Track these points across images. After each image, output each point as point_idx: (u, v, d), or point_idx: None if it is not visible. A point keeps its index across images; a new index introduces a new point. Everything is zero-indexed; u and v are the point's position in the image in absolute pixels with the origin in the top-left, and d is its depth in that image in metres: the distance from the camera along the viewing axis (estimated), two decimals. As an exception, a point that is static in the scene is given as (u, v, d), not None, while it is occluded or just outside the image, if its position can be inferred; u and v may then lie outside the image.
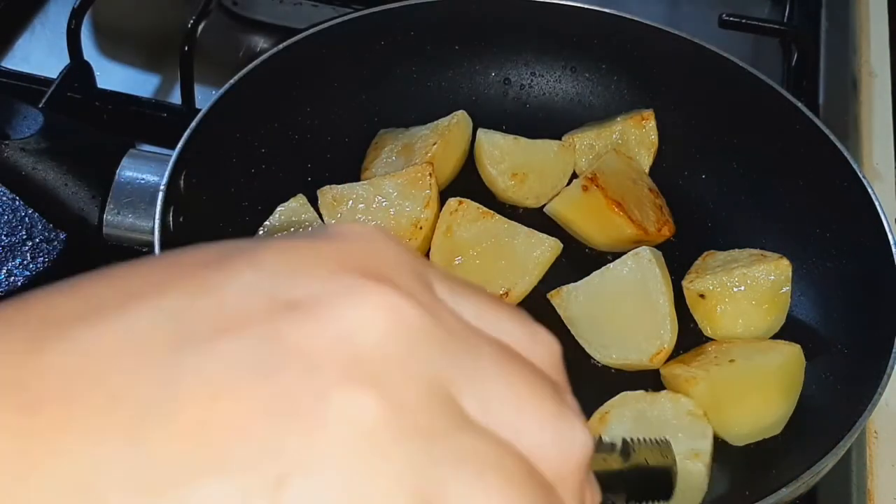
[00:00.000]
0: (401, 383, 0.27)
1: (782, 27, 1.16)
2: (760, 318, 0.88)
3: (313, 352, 0.27)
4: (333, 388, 0.26)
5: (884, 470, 0.86)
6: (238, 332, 0.27)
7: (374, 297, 0.28)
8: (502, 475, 0.28)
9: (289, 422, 0.26)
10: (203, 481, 0.25)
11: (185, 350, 0.27)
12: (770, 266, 0.87)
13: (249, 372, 0.26)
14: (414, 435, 0.27)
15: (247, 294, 0.28)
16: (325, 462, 0.26)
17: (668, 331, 0.86)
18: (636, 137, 1.00)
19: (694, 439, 0.78)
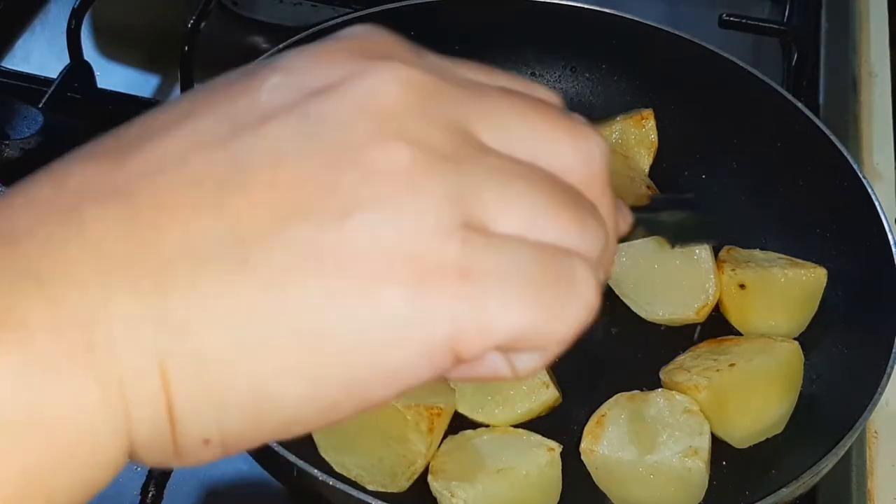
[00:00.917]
0: (423, 128, 0.32)
1: (782, 27, 1.16)
2: (789, 319, 0.88)
3: (343, 117, 0.32)
4: (367, 144, 0.32)
5: (884, 470, 0.86)
6: (279, 118, 0.32)
7: (384, 69, 0.33)
8: (531, 182, 0.34)
9: (338, 172, 0.31)
10: (283, 226, 0.31)
11: (240, 138, 0.32)
12: (809, 272, 0.87)
13: (298, 141, 0.32)
14: (443, 162, 0.32)
15: (277, 90, 0.33)
16: (376, 196, 0.31)
17: (713, 284, 0.87)
18: (636, 137, 1.00)
19: (692, 437, 0.78)
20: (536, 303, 0.32)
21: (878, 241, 0.84)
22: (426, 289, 0.31)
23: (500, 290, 0.32)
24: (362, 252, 0.31)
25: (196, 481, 0.82)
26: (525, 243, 0.33)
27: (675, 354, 0.87)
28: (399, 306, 0.31)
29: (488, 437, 0.79)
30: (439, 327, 0.31)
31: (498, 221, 0.32)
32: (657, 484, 0.78)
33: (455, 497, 0.75)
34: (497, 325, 0.32)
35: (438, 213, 0.31)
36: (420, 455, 0.76)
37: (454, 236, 0.31)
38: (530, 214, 0.33)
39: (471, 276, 0.31)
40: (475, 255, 0.32)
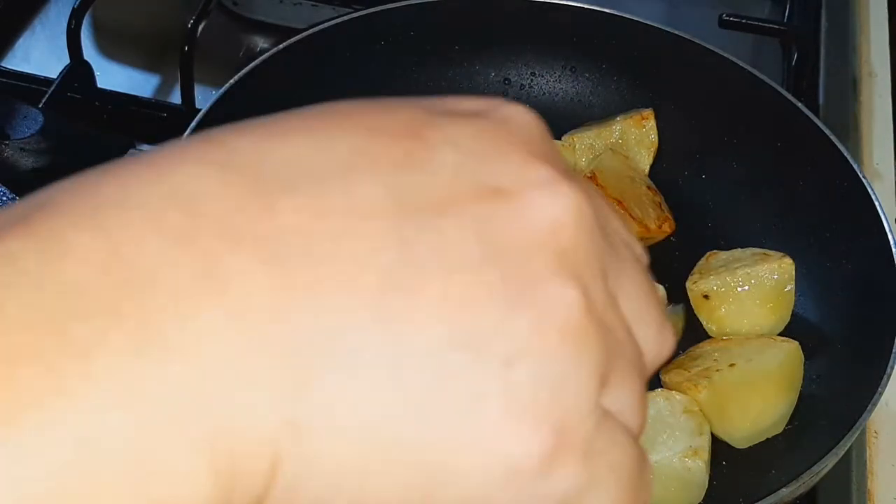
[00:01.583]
0: (590, 277, 0.30)
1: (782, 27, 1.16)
2: (765, 316, 0.88)
3: (526, 241, 0.29)
4: (549, 278, 0.28)
5: (884, 470, 0.86)
6: (457, 213, 0.28)
7: (569, 194, 0.30)
8: (638, 368, 0.32)
9: (515, 307, 0.28)
10: (444, 355, 0.27)
11: (415, 221, 0.27)
12: (773, 265, 0.87)
13: (475, 253, 0.28)
14: (602, 328, 0.29)
15: (455, 175, 0.29)
16: (545, 347, 0.28)
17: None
18: (636, 137, 1.00)
19: (691, 436, 0.78)
20: (626, 499, 0.31)
21: (878, 241, 0.84)
22: (556, 460, 0.28)
23: (607, 481, 0.30)
24: (515, 405, 0.28)
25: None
26: (628, 434, 0.31)
27: (675, 354, 0.87)
28: (530, 468, 0.28)
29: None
30: (550, 499, 0.29)
31: (610, 400, 0.30)
32: (657, 484, 0.78)
33: None
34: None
35: (591, 384, 0.29)
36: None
37: (594, 413, 0.29)
38: (631, 402, 0.31)
39: (592, 461, 0.29)
40: (601, 438, 0.29)
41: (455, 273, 0.27)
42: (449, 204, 0.28)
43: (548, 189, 0.29)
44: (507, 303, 0.28)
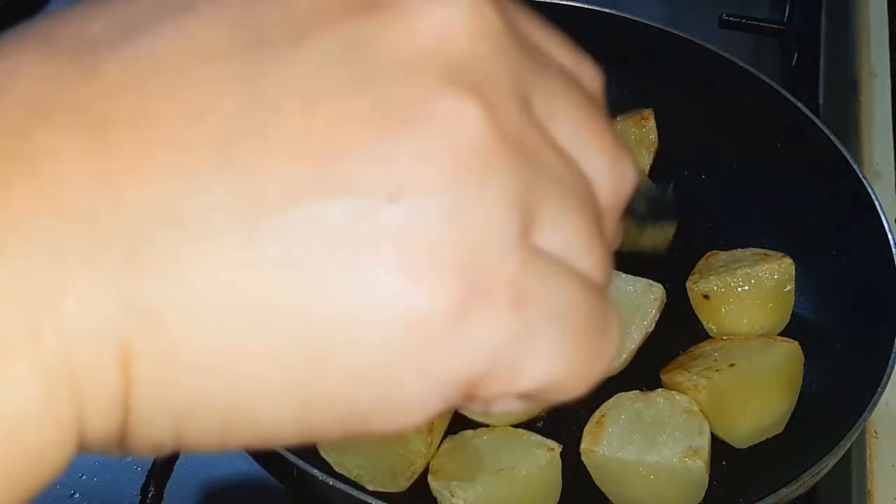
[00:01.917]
0: (496, 91, 0.25)
1: (782, 27, 1.16)
2: (765, 316, 0.88)
3: (407, 56, 0.24)
4: (436, 94, 0.24)
5: (884, 470, 0.86)
6: (318, 37, 0.24)
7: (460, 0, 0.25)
8: (581, 200, 0.27)
9: (394, 131, 0.24)
10: (310, 200, 0.23)
11: (262, 56, 0.24)
12: (773, 265, 0.87)
13: (342, 79, 0.24)
14: (515, 150, 0.25)
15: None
16: (436, 177, 0.24)
17: (619, 360, 0.85)
18: (636, 137, 1.00)
19: (691, 436, 0.78)
20: (575, 349, 0.27)
21: (878, 241, 0.84)
22: (473, 309, 0.24)
23: (550, 331, 0.26)
24: (411, 250, 0.24)
25: (196, 481, 0.82)
26: (574, 276, 0.26)
27: (675, 354, 0.87)
28: (435, 324, 0.24)
29: (488, 437, 0.79)
30: (474, 361, 0.25)
31: (547, 237, 0.26)
32: (657, 484, 0.78)
33: (455, 497, 0.75)
34: (532, 372, 0.26)
35: (504, 218, 0.25)
36: (420, 455, 0.76)
37: (516, 252, 0.25)
38: (575, 239, 0.27)
39: (523, 307, 0.25)
40: (532, 281, 0.25)
41: (317, 105, 0.23)
42: (308, 29, 0.24)
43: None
44: (384, 129, 0.24)
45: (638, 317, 0.86)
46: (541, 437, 0.79)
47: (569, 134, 0.27)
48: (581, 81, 0.30)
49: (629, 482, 0.78)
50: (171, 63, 0.23)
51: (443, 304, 0.24)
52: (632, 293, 0.87)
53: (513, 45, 0.26)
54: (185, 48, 0.24)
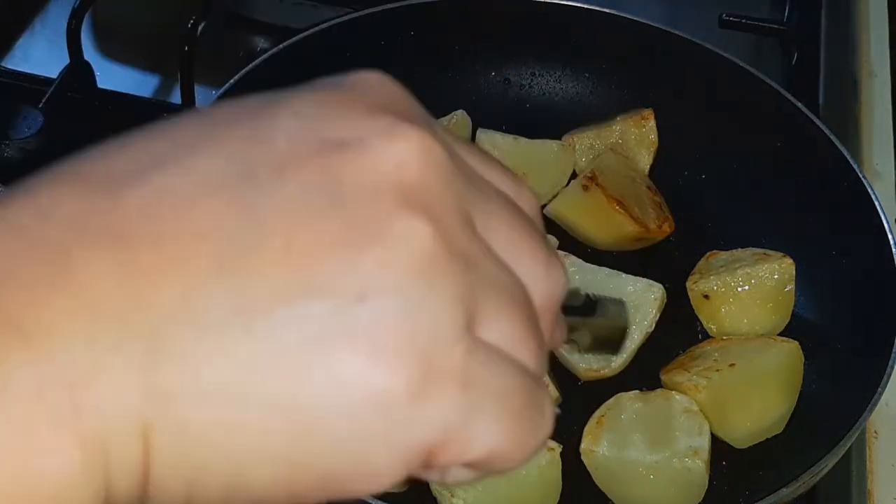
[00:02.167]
0: (443, 211, 0.31)
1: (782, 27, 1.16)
2: (765, 316, 0.88)
3: (369, 184, 0.30)
4: (394, 215, 0.30)
5: (884, 470, 0.86)
6: (298, 170, 0.30)
7: (410, 134, 0.31)
8: (516, 300, 0.32)
9: (361, 246, 0.29)
10: (295, 301, 0.28)
11: (255, 186, 0.29)
12: (774, 265, 0.87)
13: (317, 204, 0.29)
14: (460, 259, 0.30)
15: (296, 138, 0.30)
16: (397, 280, 0.29)
17: (616, 361, 0.85)
18: (636, 137, 1.00)
19: (692, 437, 0.78)
20: (516, 428, 0.32)
21: (878, 241, 0.84)
22: (428, 389, 0.29)
23: (493, 409, 0.31)
24: (376, 341, 0.29)
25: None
26: (512, 363, 0.32)
27: (675, 354, 0.87)
28: (402, 404, 0.29)
29: (488, 438, 0.79)
30: (430, 433, 0.30)
31: (488, 332, 0.31)
32: (657, 484, 0.78)
33: (455, 497, 0.75)
34: (478, 443, 0.31)
35: (452, 313, 0.30)
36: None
37: (462, 342, 0.30)
38: (513, 332, 0.32)
39: (470, 388, 0.30)
40: (477, 365, 0.30)
41: (298, 225, 0.29)
42: (290, 164, 0.30)
43: (388, 133, 0.31)
44: (354, 244, 0.29)
45: (638, 317, 0.86)
46: None
47: (505, 246, 0.33)
48: (518, 203, 0.35)
49: (629, 482, 0.78)
50: (180, 192, 0.29)
51: (403, 384, 0.29)
52: (632, 293, 0.87)
53: (457, 174, 0.32)
54: (190, 181, 0.29)
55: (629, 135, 1.00)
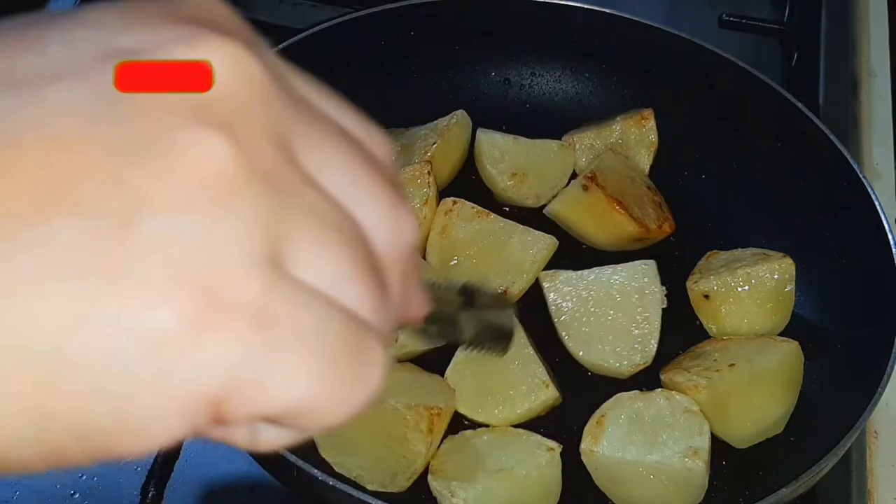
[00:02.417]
0: (249, 131, 0.27)
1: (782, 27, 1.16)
2: (765, 316, 0.88)
3: (156, 95, 0.26)
4: (182, 129, 0.26)
5: (884, 470, 0.86)
6: (69, 80, 0.26)
7: (215, 43, 0.27)
8: (344, 236, 0.28)
9: (136, 161, 0.25)
10: (43, 220, 0.24)
11: (12, 96, 0.25)
12: (774, 265, 0.87)
13: (89, 115, 0.25)
14: (264, 181, 0.26)
15: (74, 46, 0.27)
16: (176, 200, 0.25)
17: (653, 347, 0.86)
18: (636, 137, 1.00)
19: (691, 437, 0.78)
20: (327, 374, 0.27)
21: (878, 241, 0.84)
22: (209, 327, 0.25)
23: (295, 352, 0.26)
24: (139, 266, 0.25)
25: (196, 481, 0.82)
26: (330, 304, 0.27)
27: (675, 354, 0.87)
28: (168, 340, 0.25)
29: (488, 438, 0.79)
30: (211, 377, 0.25)
31: (303, 267, 0.27)
32: (657, 484, 0.78)
33: (455, 497, 0.75)
34: (278, 392, 0.26)
35: (246, 240, 0.26)
36: (420, 455, 0.76)
37: (258, 273, 0.26)
38: (337, 270, 0.28)
39: (265, 327, 0.26)
40: (278, 302, 0.26)
41: (60, 138, 0.25)
42: (62, 73, 0.26)
43: (187, 42, 0.27)
44: (125, 159, 0.25)
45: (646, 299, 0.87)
46: (541, 437, 0.79)
47: (340, 183, 0.29)
48: (364, 143, 0.31)
49: (629, 482, 0.78)
50: None
51: (173, 322, 0.25)
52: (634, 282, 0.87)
53: (275, 96, 0.28)
54: None
55: (629, 135, 1.00)
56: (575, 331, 0.86)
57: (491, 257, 0.90)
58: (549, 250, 0.91)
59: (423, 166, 0.91)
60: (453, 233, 0.90)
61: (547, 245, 0.91)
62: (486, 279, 0.89)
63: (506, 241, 0.90)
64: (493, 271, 0.89)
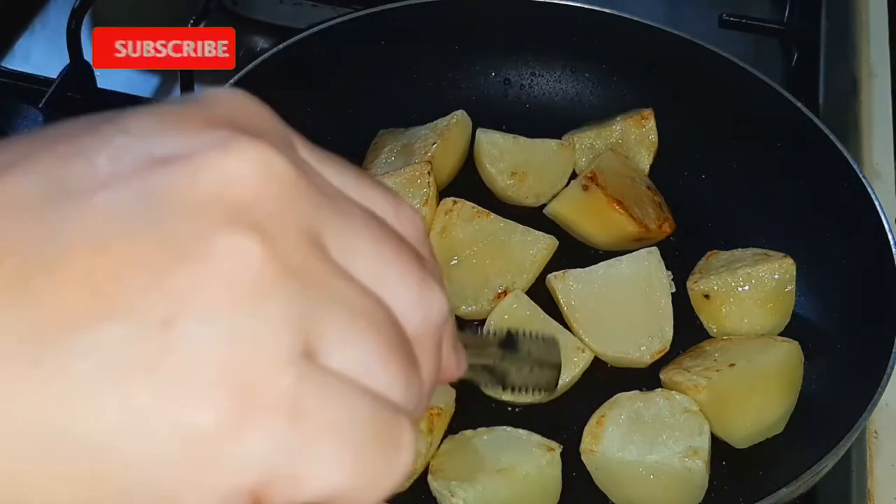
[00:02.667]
0: (279, 229, 0.28)
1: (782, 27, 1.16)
2: (766, 317, 0.88)
3: (192, 200, 0.27)
4: (216, 232, 0.27)
5: (884, 470, 0.86)
6: (114, 188, 0.27)
7: (246, 147, 0.28)
8: (373, 322, 0.29)
9: (174, 265, 0.26)
10: (91, 326, 0.26)
11: (63, 207, 0.27)
12: (774, 265, 0.87)
13: (132, 222, 0.27)
14: (295, 276, 0.28)
15: (119, 154, 0.28)
16: (211, 303, 0.26)
17: (669, 332, 0.86)
18: (636, 137, 1.00)
19: (691, 437, 0.78)
20: (362, 464, 0.28)
21: (878, 241, 0.84)
22: (246, 422, 0.26)
23: (328, 442, 0.28)
24: (178, 368, 0.26)
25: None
26: (360, 392, 0.29)
27: (675, 355, 0.87)
28: (208, 437, 0.26)
29: (488, 437, 0.79)
30: (250, 470, 0.27)
31: (333, 356, 0.28)
32: (657, 484, 0.78)
33: (455, 497, 0.75)
34: (314, 481, 0.28)
35: (278, 338, 0.27)
36: (419, 455, 0.76)
37: (291, 368, 0.27)
38: (367, 358, 0.29)
39: (300, 420, 0.27)
40: (310, 395, 0.27)
41: (105, 246, 0.26)
42: (107, 182, 0.27)
43: (221, 146, 0.28)
44: (165, 263, 0.26)
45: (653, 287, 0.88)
46: (541, 437, 0.79)
47: (369, 268, 0.30)
48: (396, 224, 0.33)
49: (629, 482, 0.78)
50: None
51: (213, 420, 0.26)
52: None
53: (305, 191, 0.29)
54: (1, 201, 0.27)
55: (629, 135, 1.00)
56: (592, 328, 0.86)
57: (491, 257, 0.90)
58: (550, 250, 0.91)
59: (424, 166, 0.91)
60: (453, 232, 0.90)
61: (547, 245, 0.91)
62: (487, 279, 0.89)
63: (506, 241, 0.90)
64: (494, 271, 0.89)
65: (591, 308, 0.87)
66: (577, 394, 0.84)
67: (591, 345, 0.86)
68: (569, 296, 0.87)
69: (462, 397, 0.82)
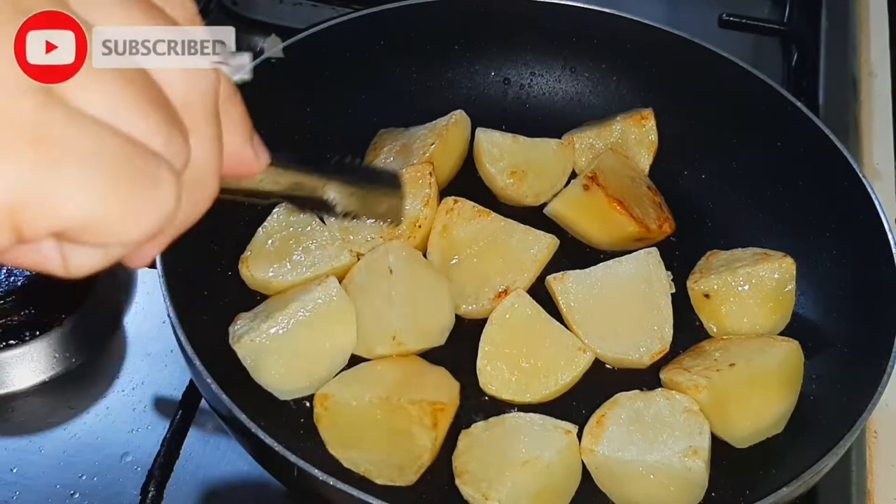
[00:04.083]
0: None
1: (782, 27, 1.16)
2: (765, 316, 0.88)
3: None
4: None
5: (884, 470, 0.86)
6: None
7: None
8: (121, 74, 0.31)
9: None
10: None
11: None
12: (774, 265, 0.87)
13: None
14: (40, 3, 0.29)
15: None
16: None
17: (669, 332, 0.86)
18: (636, 137, 1.00)
19: (691, 436, 0.78)
20: (112, 191, 0.30)
21: (878, 241, 0.84)
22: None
23: (75, 167, 0.29)
24: None
25: (196, 481, 0.82)
26: (110, 130, 0.30)
27: (675, 354, 0.87)
28: None
29: (501, 429, 0.79)
30: (2, 192, 0.28)
31: (81, 98, 0.30)
32: (657, 484, 0.78)
33: (489, 500, 0.74)
34: (68, 205, 0.29)
35: (13, 60, 0.29)
36: (426, 450, 0.76)
37: (30, 94, 0.29)
38: (116, 102, 0.30)
39: (45, 145, 0.29)
40: (54, 123, 0.29)
41: None
42: None
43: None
44: None
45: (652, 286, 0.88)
46: (556, 420, 0.79)
47: (132, 31, 0.31)
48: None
49: (629, 481, 0.78)
50: None
51: None
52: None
53: None
54: None
55: (629, 134, 1.00)
56: (592, 329, 0.86)
57: (492, 256, 0.90)
58: (550, 249, 0.91)
59: (425, 167, 0.91)
60: (454, 232, 0.90)
61: (547, 244, 0.91)
62: (487, 278, 0.89)
63: (506, 240, 0.90)
64: (494, 270, 0.89)
65: (590, 309, 0.87)
66: (577, 394, 0.84)
67: (592, 346, 0.86)
68: (568, 297, 0.87)
69: (466, 394, 0.82)
